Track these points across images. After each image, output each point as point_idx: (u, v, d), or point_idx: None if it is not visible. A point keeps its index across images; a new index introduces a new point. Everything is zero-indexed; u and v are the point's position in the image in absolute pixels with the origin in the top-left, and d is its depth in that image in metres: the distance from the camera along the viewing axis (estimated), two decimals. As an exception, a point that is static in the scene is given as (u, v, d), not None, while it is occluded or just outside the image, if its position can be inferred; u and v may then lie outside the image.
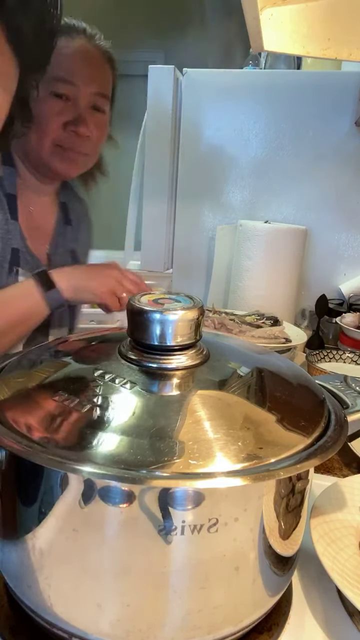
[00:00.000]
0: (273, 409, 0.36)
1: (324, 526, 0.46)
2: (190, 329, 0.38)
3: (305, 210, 1.33)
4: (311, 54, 0.64)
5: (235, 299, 1.26)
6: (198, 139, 1.36)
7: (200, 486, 0.29)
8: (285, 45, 0.62)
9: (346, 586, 0.39)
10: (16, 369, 0.41)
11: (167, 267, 1.47)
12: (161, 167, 1.36)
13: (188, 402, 0.34)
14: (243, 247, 1.23)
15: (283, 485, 0.34)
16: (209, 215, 1.40)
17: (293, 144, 1.30)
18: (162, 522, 0.30)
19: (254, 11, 0.56)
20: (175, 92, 1.31)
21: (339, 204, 1.30)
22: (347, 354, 1.00)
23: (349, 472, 0.66)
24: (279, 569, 0.37)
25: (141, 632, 0.33)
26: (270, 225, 1.23)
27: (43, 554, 0.33)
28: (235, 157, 1.35)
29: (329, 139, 1.28)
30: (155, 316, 0.37)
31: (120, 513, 0.31)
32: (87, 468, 0.29)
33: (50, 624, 0.35)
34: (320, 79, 1.26)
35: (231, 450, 0.31)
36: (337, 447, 0.34)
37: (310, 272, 1.34)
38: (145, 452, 0.30)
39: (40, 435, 0.32)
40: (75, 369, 0.39)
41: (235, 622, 0.35)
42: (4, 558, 0.37)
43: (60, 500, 0.32)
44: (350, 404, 0.44)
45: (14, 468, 0.34)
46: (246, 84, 1.31)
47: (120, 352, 0.39)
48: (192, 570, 0.32)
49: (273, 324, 1.03)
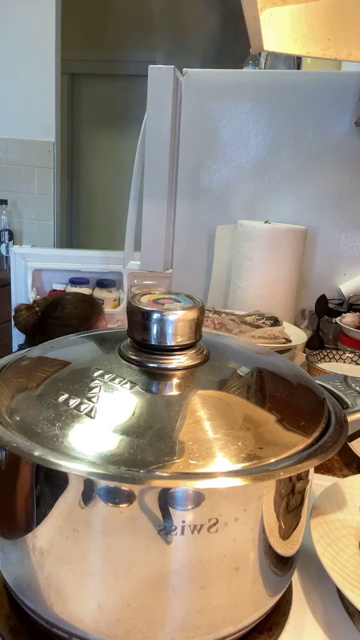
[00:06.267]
0: (273, 409, 0.36)
1: (324, 526, 0.46)
2: (190, 329, 0.38)
3: (305, 210, 1.33)
4: (311, 54, 0.64)
5: (235, 299, 1.26)
6: (198, 139, 1.36)
7: (200, 486, 0.29)
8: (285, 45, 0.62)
9: (346, 586, 0.39)
10: (16, 369, 0.41)
11: (167, 267, 1.47)
12: (161, 167, 1.36)
13: (188, 402, 0.34)
14: (243, 247, 1.23)
15: (283, 485, 0.34)
16: (209, 215, 1.40)
17: (293, 144, 1.30)
18: (162, 522, 0.30)
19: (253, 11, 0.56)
20: (175, 92, 1.30)
21: (339, 204, 1.30)
22: (347, 354, 1.00)
23: (349, 472, 0.66)
24: (279, 569, 0.37)
25: (141, 632, 0.33)
26: (270, 225, 1.23)
27: (43, 554, 0.33)
28: (235, 157, 1.35)
29: (329, 139, 1.28)
30: (155, 316, 0.37)
31: (120, 513, 0.31)
32: (87, 468, 0.29)
33: (50, 624, 0.35)
34: (320, 79, 1.26)
35: (231, 450, 0.31)
36: (337, 447, 0.34)
37: (310, 272, 1.34)
38: (145, 452, 0.30)
39: (40, 435, 0.32)
40: (75, 369, 0.39)
41: (235, 622, 0.35)
42: (4, 558, 0.37)
43: (60, 500, 0.32)
44: (350, 404, 0.44)
45: (14, 468, 0.34)
46: (246, 84, 1.31)
47: (120, 352, 0.39)
48: (192, 570, 0.32)
49: (273, 324, 1.03)
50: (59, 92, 2.58)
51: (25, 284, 1.94)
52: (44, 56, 2.51)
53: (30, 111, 2.57)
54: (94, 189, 3.49)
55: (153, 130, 1.34)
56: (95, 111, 3.40)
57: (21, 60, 2.52)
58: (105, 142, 3.42)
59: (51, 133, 2.60)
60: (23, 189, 2.69)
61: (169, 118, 1.32)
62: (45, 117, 2.58)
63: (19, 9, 2.46)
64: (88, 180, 3.51)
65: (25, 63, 2.52)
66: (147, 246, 1.43)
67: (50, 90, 2.54)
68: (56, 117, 2.58)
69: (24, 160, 2.65)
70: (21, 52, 2.51)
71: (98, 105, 3.39)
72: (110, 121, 3.36)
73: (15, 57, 2.52)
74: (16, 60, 2.53)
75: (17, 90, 2.55)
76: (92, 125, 3.43)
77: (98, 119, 3.40)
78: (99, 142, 3.44)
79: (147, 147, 1.35)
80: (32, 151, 2.63)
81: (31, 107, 2.57)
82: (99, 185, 3.47)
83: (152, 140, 1.35)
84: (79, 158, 3.52)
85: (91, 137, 3.46)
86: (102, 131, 3.41)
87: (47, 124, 2.58)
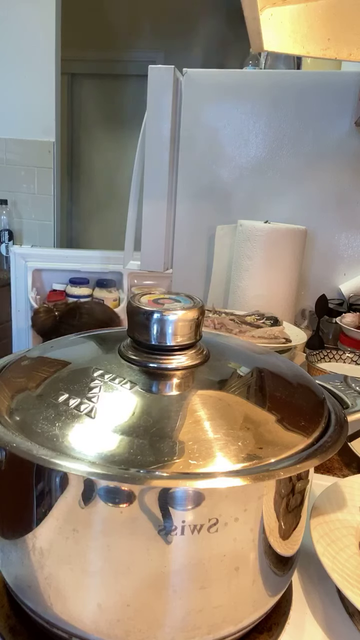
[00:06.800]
0: (273, 409, 0.36)
1: (324, 526, 0.46)
2: (190, 329, 0.38)
3: (305, 210, 1.33)
4: (311, 54, 0.64)
5: (235, 299, 1.26)
6: (198, 139, 1.36)
7: (200, 486, 0.29)
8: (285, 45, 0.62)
9: (346, 586, 0.39)
10: (16, 369, 0.41)
11: (167, 267, 1.47)
12: (161, 167, 1.36)
13: (188, 402, 0.34)
14: (243, 247, 1.23)
15: (283, 485, 0.34)
16: (208, 215, 1.40)
17: (293, 144, 1.30)
18: (162, 522, 0.30)
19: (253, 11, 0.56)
20: (175, 92, 1.30)
21: (339, 204, 1.30)
22: (347, 354, 1.00)
23: (349, 472, 0.66)
24: (279, 569, 0.37)
25: (141, 632, 0.33)
26: (270, 225, 1.23)
27: (43, 554, 0.33)
28: (235, 157, 1.35)
29: (329, 139, 1.27)
30: (155, 316, 0.37)
31: (120, 513, 0.31)
32: (87, 468, 0.29)
33: (50, 624, 0.35)
34: (320, 79, 1.26)
35: (231, 450, 0.31)
36: (337, 447, 0.34)
37: (310, 272, 1.34)
38: (145, 452, 0.30)
39: (40, 435, 0.32)
40: (75, 369, 0.39)
41: (235, 622, 0.35)
42: (4, 558, 0.37)
43: (60, 500, 0.32)
44: (350, 404, 0.44)
45: (14, 468, 0.34)
46: (246, 84, 1.31)
47: (120, 352, 0.39)
48: (192, 570, 0.32)
49: (273, 324, 1.03)
50: (59, 92, 2.58)
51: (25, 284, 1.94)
52: (44, 56, 2.51)
53: (30, 111, 2.57)
54: (94, 189, 3.48)
55: (153, 130, 1.34)
56: (95, 111, 3.40)
57: (21, 60, 2.52)
58: (105, 142, 3.42)
59: (51, 133, 2.60)
60: (23, 189, 2.69)
61: (169, 118, 1.32)
62: (45, 117, 2.58)
63: (19, 9, 2.46)
64: (88, 180, 3.51)
65: (25, 63, 2.52)
66: (147, 246, 1.42)
67: (50, 90, 2.54)
68: (56, 117, 2.58)
69: (24, 160, 2.65)
70: (21, 52, 2.52)
71: (98, 105, 3.39)
72: (110, 121, 3.36)
73: (15, 57, 2.52)
74: (16, 60, 2.53)
75: (17, 91, 2.55)
76: (92, 125, 3.43)
77: (98, 119, 3.40)
78: (99, 142, 3.44)
79: (147, 147, 1.35)
80: (32, 151, 2.63)
81: (31, 107, 2.57)
82: (99, 185, 3.47)
83: (152, 140, 1.35)
84: (79, 158, 3.52)
85: (91, 137, 3.46)
86: (102, 131, 3.41)
87: (47, 124, 2.58)
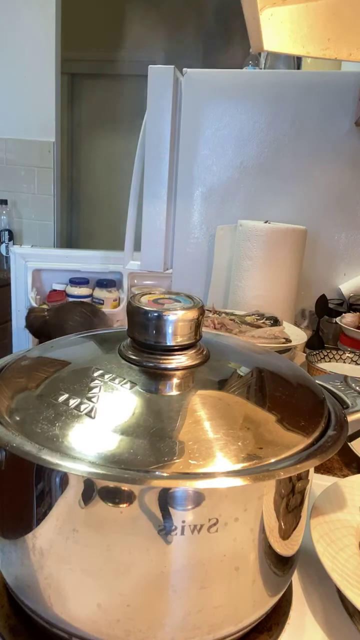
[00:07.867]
0: (273, 409, 0.36)
1: (324, 526, 0.46)
2: (190, 329, 0.38)
3: (305, 210, 1.33)
4: (311, 54, 0.64)
5: (235, 299, 1.26)
6: (198, 139, 1.36)
7: (200, 486, 0.29)
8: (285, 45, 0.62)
9: (346, 586, 0.39)
10: (16, 369, 0.41)
11: (167, 267, 1.47)
12: (161, 167, 1.36)
13: (188, 402, 0.34)
14: (243, 247, 1.23)
15: (283, 485, 0.34)
16: (209, 215, 1.40)
17: (293, 144, 1.30)
18: (162, 522, 0.30)
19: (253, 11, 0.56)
20: (175, 92, 1.30)
21: (339, 204, 1.30)
22: (347, 354, 1.00)
23: (349, 472, 0.66)
24: (279, 569, 0.37)
25: (141, 632, 0.33)
26: (270, 225, 1.23)
27: (43, 554, 0.33)
28: (235, 157, 1.35)
29: (329, 139, 1.27)
30: (155, 316, 0.37)
31: (120, 513, 0.31)
32: (87, 468, 0.29)
33: (50, 624, 0.35)
34: (320, 79, 1.26)
35: (231, 450, 0.31)
36: (337, 447, 0.34)
37: (310, 272, 1.34)
38: (145, 452, 0.30)
39: (40, 435, 0.32)
40: (75, 369, 0.39)
41: (235, 622, 0.35)
42: (4, 558, 0.37)
43: (60, 500, 0.32)
44: (350, 404, 0.44)
45: (14, 468, 0.34)
46: (246, 84, 1.31)
47: (120, 352, 0.39)
48: (192, 570, 0.32)
49: (273, 324, 1.03)
50: (59, 92, 2.58)
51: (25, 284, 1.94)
52: (44, 56, 2.51)
53: (30, 111, 2.58)
54: (94, 189, 3.49)
55: (153, 130, 1.34)
56: (95, 111, 3.40)
57: (21, 60, 2.52)
58: (105, 142, 3.42)
59: (51, 133, 2.60)
60: (23, 189, 2.69)
61: (169, 118, 1.32)
62: (45, 117, 2.58)
63: (19, 9, 2.46)
64: (88, 180, 3.51)
65: (25, 63, 2.52)
66: (147, 246, 1.43)
67: (50, 90, 2.54)
68: (56, 117, 2.59)
69: (24, 160, 2.66)
70: (21, 52, 2.52)
71: (98, 105, 3.39)
72: (110, 121, 3.36)
73: (16, 57, 2.52)
74: (16, 60, 2.53)
75: (17, 91, 2.56)
76: (92, 125, 3.43)
77: (98, 119, 3.39)
78: (99, 142, 3.44)
79: (147, 147, 1.35)
80: (32, 151, 2.63)
81: (31, 107, 2.57)
82: (99, 185, 3.47)
83: (152, 140, 1.35)
84: (79, 158, 3.52)
85: (91, 137, 3.46)
86: (102, 131, 3.41)
87: (47, 124, 2.58)
